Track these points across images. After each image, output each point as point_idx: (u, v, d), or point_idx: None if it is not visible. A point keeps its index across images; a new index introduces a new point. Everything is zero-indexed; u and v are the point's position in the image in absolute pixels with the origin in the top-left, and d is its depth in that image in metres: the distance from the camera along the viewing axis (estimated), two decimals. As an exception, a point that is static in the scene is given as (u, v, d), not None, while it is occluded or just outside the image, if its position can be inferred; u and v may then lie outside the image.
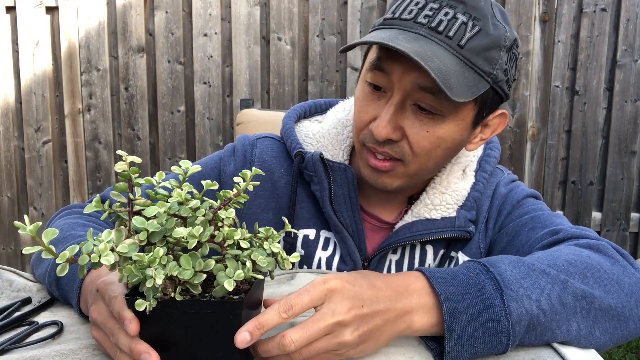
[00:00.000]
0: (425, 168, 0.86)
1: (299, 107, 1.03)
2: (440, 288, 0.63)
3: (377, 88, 0.82)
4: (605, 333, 0.68)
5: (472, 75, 0.77)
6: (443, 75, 0.73)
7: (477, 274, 0.65)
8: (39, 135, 2.79)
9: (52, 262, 0.80)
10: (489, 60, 0.78)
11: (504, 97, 0.85)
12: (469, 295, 0.63)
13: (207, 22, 2.70)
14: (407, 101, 0.80)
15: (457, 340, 0.62)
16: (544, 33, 2.65)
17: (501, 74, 0.80)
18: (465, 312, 0.62)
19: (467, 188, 0.93)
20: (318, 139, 0.97)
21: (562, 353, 0.65)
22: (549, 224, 0.87)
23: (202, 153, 2.78)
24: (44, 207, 2.82)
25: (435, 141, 0.81)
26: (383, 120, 0.80)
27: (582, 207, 2.74)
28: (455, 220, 0.91)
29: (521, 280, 0.65)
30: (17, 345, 0.67)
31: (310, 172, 0.93)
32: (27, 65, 2.74)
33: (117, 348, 0.59)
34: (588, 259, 0.72)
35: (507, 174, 1.00)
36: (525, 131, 2.70)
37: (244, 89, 2.73)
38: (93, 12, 2.71)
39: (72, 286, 0.74)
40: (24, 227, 0.51)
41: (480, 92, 0.78)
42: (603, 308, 0.68)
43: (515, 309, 0.62)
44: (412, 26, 0.77)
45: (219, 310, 0.55)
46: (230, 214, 0.59)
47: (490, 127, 0.89)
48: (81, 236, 0.82)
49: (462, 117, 0.81)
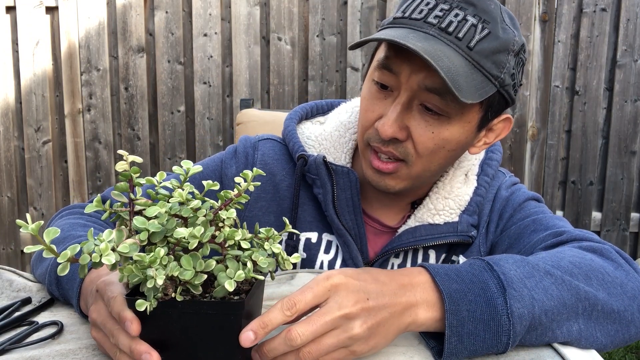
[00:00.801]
0: (429, 170, 0.86)
1: (300, 109, 1.03)
2: (443, 284, 0.63)
3: (384, 87, 0.82)
4: (606, 335, 0.68)
5: (480, 78, 0.77)
6: (452, 75, 0.73)
7: (480, 271, 0.65)
8: (39, 135, 2.79)
9: (52, 262, 0.80)
10: (497, 63, 0.78)
11: (510, 101, 0.84)
12: (471, 292, 0.63)
13: (207, 22, 2.70)
14: (414, 101, 0.80)
15: (457, 337, 0.61)
16: (544, 33, 2.65)
17: (508, 78, 0.80)
18: (467, 310, 0.62)
19: (470, 193, 0.93)
20: (320, 142, 0.97)
21: (562, 353, 0.65)
22: (551, 226, 0.87)
23: (202, 153, 2.78)
24: (44, 207, 2.82)
25: (440, 142, 0.81)
26: (389, 118, 0.80)
27: (582, 207, 2.74)
28: (458, 225, 0.91)
29: (525, 280, 0.65)
30: (17, 345, 0.67)
31: (313, 175, 0.93)
32: (27, 65, 2.74)
33: (117, 349, 0.59)
34: (592, 262, 0.72)
35: (509, 176, 1.00)
36: (525, 131, 2.70)
37: (244, 89, 2.73)
38: (93, 12, 2.71)
39: (72, 286, 0.74)
40: (25, 226, 0.51)
41: (487, 95, 0.78)
42: (606, 310, 0.68)
43: (517, 308, 0.62)
44: (422, 26, 0.77)
45: (219, 310, 0.55)
46: (231, 214, 0.59)
47: (494, 131, 0.89)
48: (81, 236, 0.81)
49: (467, 120, 0.81)
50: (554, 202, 2.75)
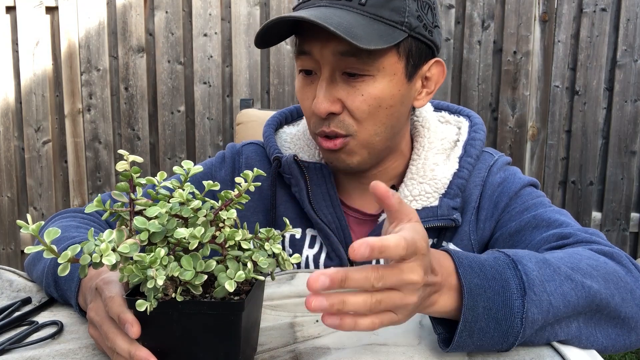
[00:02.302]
0: (376, 133, 0.86)
1: (278, 114, 1.06)
2: (465, 277, 0.61)
3: (308, 73, 0.86)
4: (607, 338, 0.68)
5: (382, 27, 0.79)
6: (344, 28, 0.75)
7: (504, 268, 0.63)
8: (39, 135, 2.78)
9: (48, 263, 0.80)
10: (395, 9, 0.80)
11: (432, 45, 0.86)
12: (491, 289, 0.61)
13: (207, 22, 2.70)
14: (336, 73, 0.83)
15: (469, 332, 0.60)
16: (544, 33, 2.66)
17: (414, 20, 0.81)
18: (484, 307, 0.61)
19: (449, 175, 0.91)
20: (295, 142, 1.00)
21: (562, 353, 0.65)
22: (553, 222, 0.85)
23: (202, 153, 2.78)
24: (44, 207, 2.82)
25: (374, 102, 0.83)
26: (319, 96, 0.83)
27: (582, 207, 2.75)
28: (438, 209, 0.90)
29: (545, 284, 0.63)
30: (17, 345, 0.67)
31: (287, 175, 0.95)
32: (27, 65, 2.74)
33: (113, 351, 0.59)
34: (606, 265, 0.71)
35: (499, 156, 0.97)
36: (525, 131, 2.70)
37: (244, 89, 2.73)
38: (93, 12, 2.71)
39: (70, 285, 0.74)
40: (26, 226, 0.51)
41: (397, 41, 0.80)
42: (612, 315, 0.68)
43: (533, 314, 0.61)
44: (313, 3, 0.82)
45: (220, 310, 0.55)
46: (231, 214, 0.59)
47: (431, 79, 0.90)
48: (75, 237, 0.81)
49: (391, 72, 0.83)
50: (554, 202, 2.75)
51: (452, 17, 2.65)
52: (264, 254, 0.59)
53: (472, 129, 0.96)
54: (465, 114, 1.00)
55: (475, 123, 0.97)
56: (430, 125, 0.96)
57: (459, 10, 2.66)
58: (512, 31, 2.64)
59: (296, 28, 0.85)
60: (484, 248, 0.92)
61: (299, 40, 0.85)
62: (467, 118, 0.99)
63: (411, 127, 0.98)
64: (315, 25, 0.76)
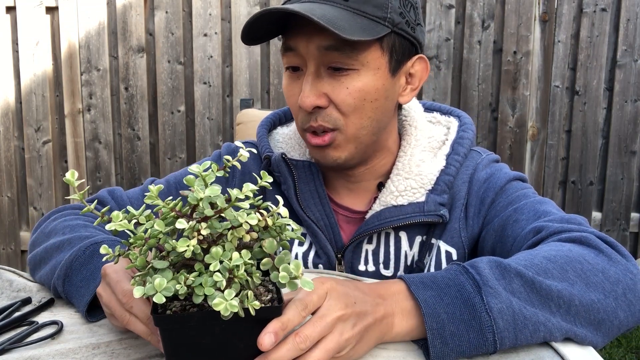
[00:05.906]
0: (362, 127, 0.86)
1: (271, 115, 1.07)
2: (418, 292, 0.65)
3: (295, 69, 0.87)
4: (592, 329, 0.68)
5: (366, 22, 0.80)
6: (328, 19, 0.76)
7: (456, 275, 0.67)
8: (39, 135, 2.79)
9: (67, 256, 0.79)
10: (378, 6, 0.81)
11: (415, 42, 0.87)
12: (448, 296, 0.65)
13: (207, 22, 2.70)
14: (321, 68, 0.84)
15: (441, 339, 0.62)
16: (544, 33, 2.66)
17: (397, 17, 0.83)
18: (446, 312, 0.63)
19: (435, 172, 0.92)
20: (286, 141, 1.01)
21: (562, 353, 0.65)
22: (533, 215, 0.85)
23: (202, 153, 2.78)
24: (44, 207, 2.82)
25: (359, 95, 0.84)
26: (304, 90, 0.84)
27: (582, 207, 2.74)
28: (425, 205, 0.90)
29: (497, 281, 0.66)
30: (17, 345, 0.67)
31: (277, 173, 0.95)
32: (27, 65, 2.74)
33: (126, 312, 0.63)
34: (569, 253, 0.72)
35: (486, 155, 0.98)
36: (525, 131, 2.70)
37: (244, 89, 2.73)
38: (93, 12, 2.71)
39: (86, 284, 0.76)
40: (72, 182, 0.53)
41: (380, 35, 0.81)
42: (584, 303, 0.68)
43: (495, 304, 0.63)
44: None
45: (259, 316, 0.54)
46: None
47: (415, 75, 0.90)
48: (88, 237, 0.83)
49: (375, 66, 0.84)
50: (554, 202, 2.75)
51: (452, 17, 2.65)
52: (272, 239, 0.58)
53: (460, 128, 0.97)
54: (456, 115, 1.01)
55: (464, 123, 0.98)
56: (418, 124, 0.97)
57: (459, 10, 2.66)
58: (512, 31, 2.64)
59: (283, 27, 0.85)
60: (474, 245, 0.94)
61: (285, 37, 0.86)
62: (457, 118, 1.00)
63: (399, 126, 0.98)
64: (300, 21, 0.78)
